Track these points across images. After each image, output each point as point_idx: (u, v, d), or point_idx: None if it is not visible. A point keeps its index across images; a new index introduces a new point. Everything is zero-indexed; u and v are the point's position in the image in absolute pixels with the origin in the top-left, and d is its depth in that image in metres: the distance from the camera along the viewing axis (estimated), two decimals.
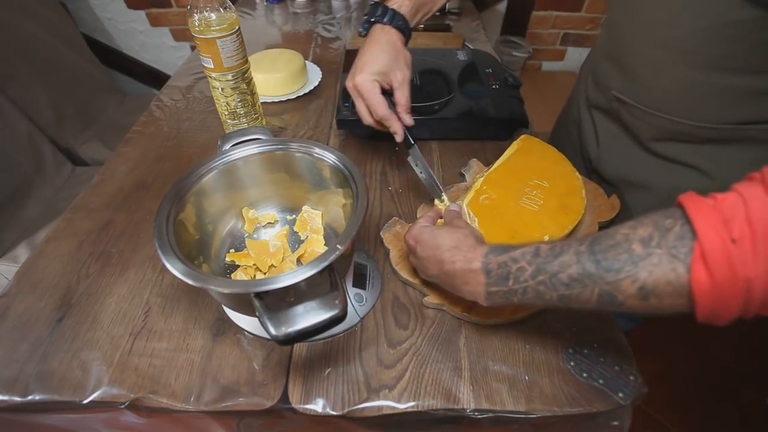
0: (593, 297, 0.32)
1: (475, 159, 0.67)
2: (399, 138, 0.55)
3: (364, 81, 0.52)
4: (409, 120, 0.55)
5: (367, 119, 0.56)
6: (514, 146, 0.63)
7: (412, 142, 0.55)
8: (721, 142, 0.53)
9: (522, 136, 0.65)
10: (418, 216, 0.59)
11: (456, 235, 0.43)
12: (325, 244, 0.51)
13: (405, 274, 0.51)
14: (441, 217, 0.53)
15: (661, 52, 0.51)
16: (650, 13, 0.51)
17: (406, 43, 0.56)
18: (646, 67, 0.54)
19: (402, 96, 0.54)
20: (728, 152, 0.53)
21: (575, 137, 0.76)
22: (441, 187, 0.57)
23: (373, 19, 0.56)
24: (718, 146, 0.54)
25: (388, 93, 0.54)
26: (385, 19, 0.55)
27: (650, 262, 0.29)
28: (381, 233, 0.56)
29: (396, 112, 0.54)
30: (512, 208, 0.54)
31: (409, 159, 0.57)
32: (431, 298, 0.49)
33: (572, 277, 0.33)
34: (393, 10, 0.55)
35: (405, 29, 0.55)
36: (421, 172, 0.57)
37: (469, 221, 0.53)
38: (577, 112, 0.75)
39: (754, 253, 0.26)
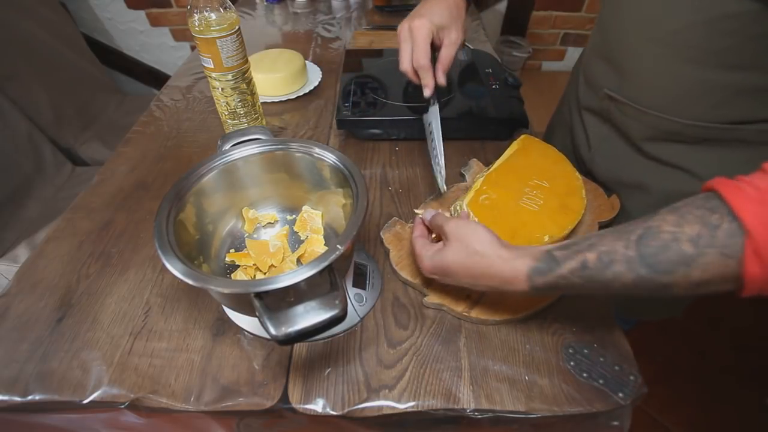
0: (646, 293, 0.33)
1: (475, 159, 0.67)
2: (428, 92, 0.56)
3: (421, 25, 0.53)
4: (443, 79, 0.56)
5: (405, 65, 0.56)
6: (514, 146, 0.63)
7: (434, 101, 0.57)
8: (713, 142, 0.53)
9: (522, 136, 0.65)
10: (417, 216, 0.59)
11: (481, 258, 0.40)
12: (325, 244, 0.51)
13: (405, 274, 0.51)
14: (429, 231, 0.50)
15: (654, 48, 0.51)
16: (643, 9, 0.51)
17: (466, 10, 0.58)
18: (639, 63, 0.54)
19: (447, 55, 0.55)
20: (720, 154, 0.53)
21: (567, 140, 0.76)
22: (443, 162, 0.57)
23: None
24: (710, 147, 0.53)
25: (433, 47, 0.55)
26: None
27: (703, 262, 0.30)
28: (381, 233, 0.56)
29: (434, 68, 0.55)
30: (512, 208, 0.54)
31: (424, 117, 0.58)
32: (431, 298, 0.49)
33: (626, 284, 0.33)
34: None
35: None
36: (431, 133, 0.58)
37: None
38: (568, 115, 0.75)
39: None
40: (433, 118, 0.58)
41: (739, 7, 0.42)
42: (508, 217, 0.53)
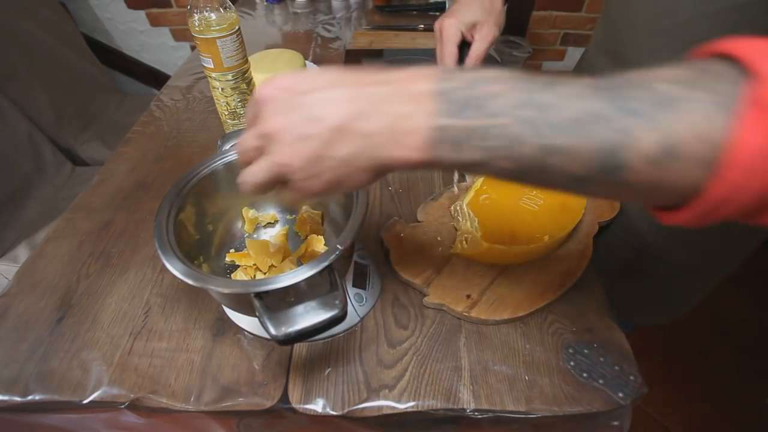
0: (586, 153, 0.22)
1: None
2: None
3: (449, 25, 0.53)
4: None
5: (440, 59, 0.56)
6: None
7: None
8: None
9: None
10: (418, 217, 0.59)
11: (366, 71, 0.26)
12: (324, 244, 0.51)
13: (405, 275, 0.51)
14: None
15: (662, 41, 0.51)
16: (650, 2, 0.50)
17: (504, 4, 0.57)
18: (646, 57, 0.54)
19: (477, 50, 0.54)
20: None
21: None
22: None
23: None
24: None
25: (466, 45, 0.55)
26: None
27: (682, 108, 0.20)
28: (381, 233, 0.56)
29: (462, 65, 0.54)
30: (512, 208, 0.54)
31: None
32: (431, 298, 0.49)
33: (570, 117, 0.21)
34: None
35: None
36: None
37: (469, 221, 0.53)
38: None
39: None
40: None
41: None
42: (508, 216, 0.53)
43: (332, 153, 0.25)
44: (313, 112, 0.25)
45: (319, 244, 0.51)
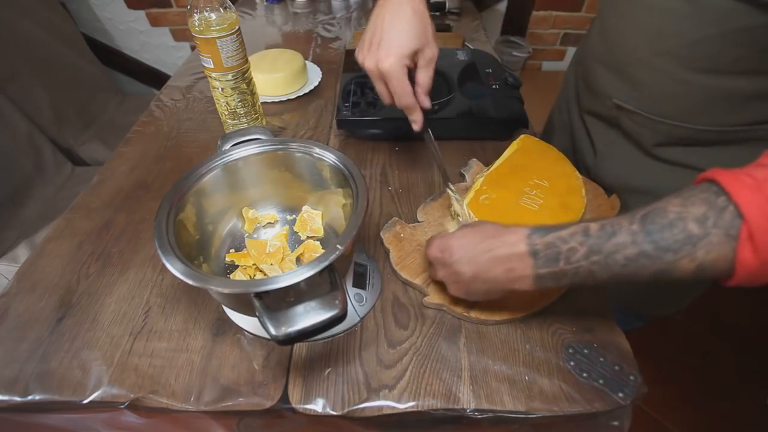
0: (647, 275, 0.33)
1: (475, 159, 0.67)
2: (417, 126, 0.50)
3: (394, 67, 0.45)
4: (426, 102, 0.50)
5: (387, 101, 0.50)
6: (514, 146, 0.63)
7: (428, 128, 0.52)
8: (728, 143, 0.52)
9: (522, 136, 0.65)
10: (418, 217, 0.59)
11: (485, 227, 0.41)
12: (323, 247, 0.51)
13: (405, 275, 0.51)
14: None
15: (667, 60, 0.50)
16: (652, 22, 0.50)
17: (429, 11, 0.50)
18: (651, 74, 0.53)
19: (426, 76, 0.48)
20: (735, 153, 0.52)
21: (567, 144, 0.75)
22: (448, 177, 0.55)
23: None
24: (724, 148, 0.53)
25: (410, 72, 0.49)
26: None
27: (708, 242, 0.30)
28: (381, 233, 0.56)
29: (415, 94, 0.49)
30: (512, 208, 0.54)
31: (425, 137, 0.53)
32: (431, 298, 0.49)
33: (629, 257, 0.33)
34: None
35: None
36: (435, 150, 0.54)
37: (469, 221, 0.53)
38: (567, 119, 0.73)
39: None
40: (430, 142, 0.53)
41: (755, 21, 0.41)
42: (508, 216, 0.53)
43: (473, 289, 0.42)
44: (457, 269, 0.42)
45: (316, 249, 0.51)
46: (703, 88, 0.49)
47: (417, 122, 0.51)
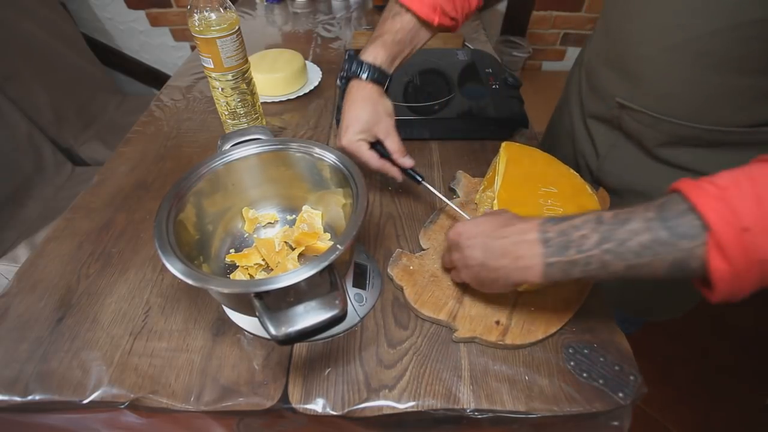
0: (664, 265, 0.31)
1: (461, 171, 0.65)
2: (398, 179, 0.56)
3: (350, 143, 0.53)
4: (408, 162, 0.55)
5: (367, 169, 0.55)
6: (503, 157, 0.59)
7: (420, 179, 0.56)
8: (732, 146, 0.52)
9: (503, 144, 0.60)
10: (422, 245, 0.56)
11: (502, 216, 0.42)
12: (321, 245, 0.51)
13: (426, 311, 0.48)
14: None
15: (672, 56, 0.49)
16: (659, 16, 0.49)
17: (386, 89, 0.56)
18: (655, 71, 0.52)
19: (393, 144, 0.54)
20: (740, 156, 0.51)
21: (569, 148, 0.74)
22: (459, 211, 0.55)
23: (349, 75, 0.55)
24: (728, 150, 0.52)
25: (379, 144, 0.55)
26: (361, 74, 0.53)
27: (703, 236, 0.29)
28: (389, 270, 0.52)
29: (392, 159, 0.55)
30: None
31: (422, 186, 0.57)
32: (461, 333, 0.46)
33: (643, 244, 0.31)
34: (368, 63, 0.53)
35: (382, 80, 0.55)
36: (436, 193, 0.56)
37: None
38: (569, 123, 0.73)
39: (766, 235, 0.27)
40: (429, 186, 0.56)
41: (763, 13, 0.41)
42: None
43: (482, 277, 0.42)
44: (468, 253, 0.43)
45: (313, 239, 0.51)
46: (709, 86, 0.49)
47: (397, 176, 0.56)
